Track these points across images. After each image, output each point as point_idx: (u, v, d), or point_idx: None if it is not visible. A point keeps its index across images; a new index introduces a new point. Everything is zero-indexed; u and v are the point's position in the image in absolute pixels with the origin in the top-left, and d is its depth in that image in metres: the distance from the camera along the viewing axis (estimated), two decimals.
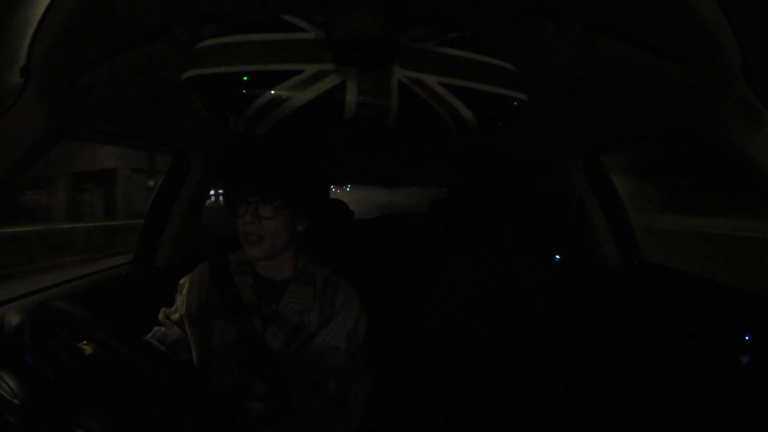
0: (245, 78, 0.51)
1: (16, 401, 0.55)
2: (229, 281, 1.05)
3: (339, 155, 2.02)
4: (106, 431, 0.61)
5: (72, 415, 0.61)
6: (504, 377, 1.42)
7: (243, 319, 1.01)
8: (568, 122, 1.33)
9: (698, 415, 1.09)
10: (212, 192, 1.82)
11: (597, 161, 1.55)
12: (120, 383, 0.70)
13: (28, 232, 7.22)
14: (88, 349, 0.72)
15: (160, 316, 1.10)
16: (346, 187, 9.00)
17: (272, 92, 0.50)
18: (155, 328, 1.08)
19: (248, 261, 1.07)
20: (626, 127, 1.20)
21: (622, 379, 1.38)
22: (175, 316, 1.07)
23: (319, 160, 1.94)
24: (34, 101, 0.69)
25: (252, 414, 1.00)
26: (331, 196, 3.13)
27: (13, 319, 0.70)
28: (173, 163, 1.57)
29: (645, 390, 1.29)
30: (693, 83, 0.73)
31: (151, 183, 9.55)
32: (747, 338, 0.98)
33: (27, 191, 8.42)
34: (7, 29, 0.61)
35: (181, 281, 1.10)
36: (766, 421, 0.91)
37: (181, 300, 1.07)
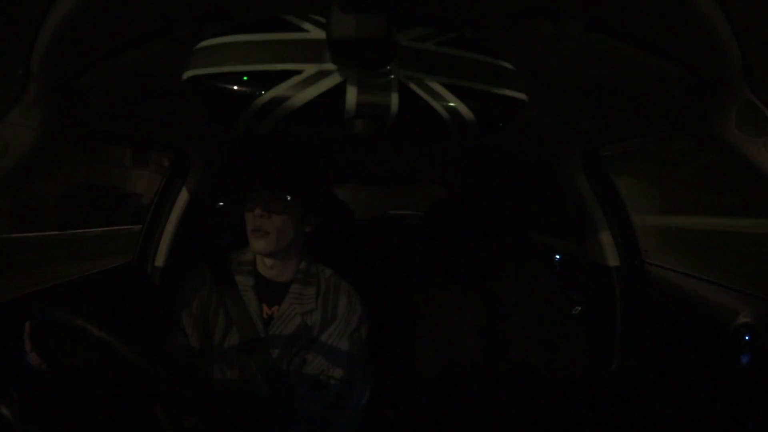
0: (245, 78, 0.51)
1: (16, 401, 0.55)
2: (229, 281, 1.04)
3: (337, 155, 2.02)
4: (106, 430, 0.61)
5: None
6: (504, 377, 1.42)
7: (244, 320, 1.00)
8: (568, 122, 1.33)
9: (698, 415, 1.09)
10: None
11: (597, 161, 1.55)
12: (120, 384, 0.69)
13: None
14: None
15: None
16: None
17: (272, 92, 0.50)
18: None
19: (250, 261, 1.06)
20: (626, 127, 1.20)
21: (622, 380, 1.38)
22: (176, 318, 1.06)
23: (326, 160, 1.93)
24: (34, 101, 0.69)
25: (253, 416, 0.99)
26: None
27: (14, 319, 0.70)
28: (173, 163, 1.57)
29: (645, 390, 1.29)
30: (693, 83, 0.73)
31: None
32: (747, 338, 0.98)
33: None
34: (7, 29, 0.61)
35: (183, 282, 1.10)
36: (766, 421, 0.91)
37: (181, 301, 1.07)
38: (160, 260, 1.56)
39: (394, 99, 0.53)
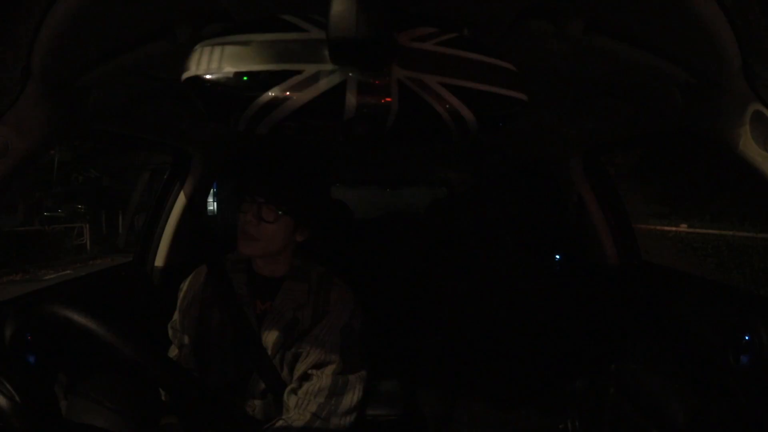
0: (245, 78, 0.51)
1: (16, 401, 0.55)
2: (224, 278, 1.06)
3: (338, 155, 2.02)
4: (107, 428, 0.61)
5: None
6: (504, 378, 1.42)
7: (238, 316, 1.01)
8: (568, 122, 1.33)
9: (698, 415, 1.09)
10: None
11: (597, 161, 1.55)
12: (120, 381, 0.70)
13: None
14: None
15: (170, 332, 1.11)
16: None
17: (272, 92, 0.50)
18: (171, 348, 1.10)
19: (244, 259, 1.07)
20: (626, 127, 1.20)
21: (622, 380, 1.38)
22: (177, 323, 1.08)
23: (324, 167, 1.93)
24: (34, 101, 0.69)
25: (250, 410, 1.00)
26: None
27: (14, 319, 0.70)
28: (173, 163, 1.57)
29: (645, 390, 1.29)
30: (693, 83, 0.73)
31: None
32: (747, 338, 0.98)
33: None
34: (8, 29, 0.61)
35: (182, 285, 1.11)
36: (766, 421, 0.91)
37: (180, 302, 1.08)
38: (159, 260, 1.56)
39: (394, 99, 0.53)
